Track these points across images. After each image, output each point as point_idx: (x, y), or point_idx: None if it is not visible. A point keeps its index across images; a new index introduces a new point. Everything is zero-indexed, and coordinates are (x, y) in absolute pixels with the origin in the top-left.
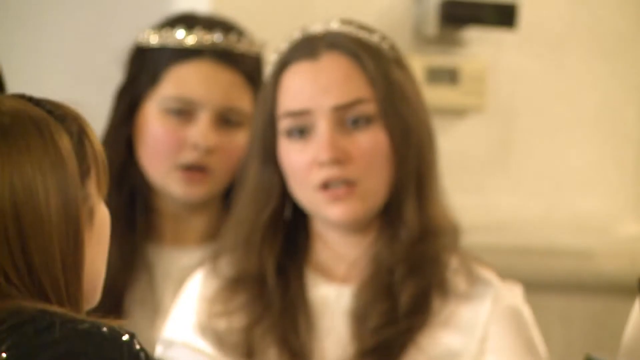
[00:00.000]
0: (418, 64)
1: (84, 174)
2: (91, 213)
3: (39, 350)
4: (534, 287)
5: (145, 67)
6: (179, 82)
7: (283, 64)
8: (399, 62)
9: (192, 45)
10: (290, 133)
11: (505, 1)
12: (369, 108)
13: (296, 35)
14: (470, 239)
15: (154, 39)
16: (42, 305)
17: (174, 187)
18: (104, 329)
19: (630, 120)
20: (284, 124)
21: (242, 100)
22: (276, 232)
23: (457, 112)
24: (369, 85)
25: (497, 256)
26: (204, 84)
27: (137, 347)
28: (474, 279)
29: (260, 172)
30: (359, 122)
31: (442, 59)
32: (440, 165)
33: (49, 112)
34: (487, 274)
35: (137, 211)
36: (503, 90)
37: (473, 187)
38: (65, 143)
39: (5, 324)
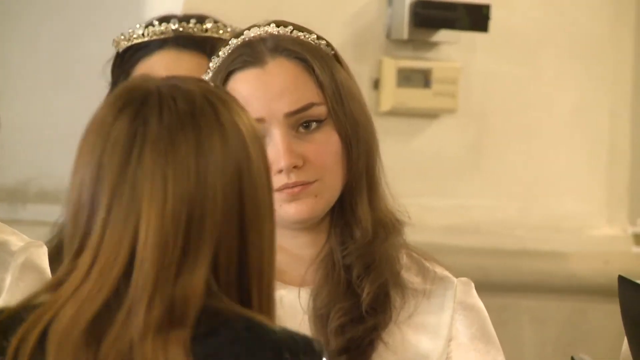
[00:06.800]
0: (391, 66)
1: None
2: None
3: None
4: (507, 288)
5: (120, 71)
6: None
7: (226, 73)
8: (339, 60)
9: (152, 38)
10: None
11: (478, 3)
12: (320, 110)
13: (234, 41)
14: (443, 240)
15: (124, 43)
16: (240, 309)
17: None
18: (298, 337)
19: (603, 122)
20: None
21: None
22: None
23: (430, 115)
24: (318, 88)
25: (470, 258)
26: (168, 72)
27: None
28: (429, 276)
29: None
30: (311, 125)
31: (414, 62)
32: (412, 167)
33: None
34: (441, 270)
35: None
36: (476, 93)
37: (446, 189)
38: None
39: (202, 327)
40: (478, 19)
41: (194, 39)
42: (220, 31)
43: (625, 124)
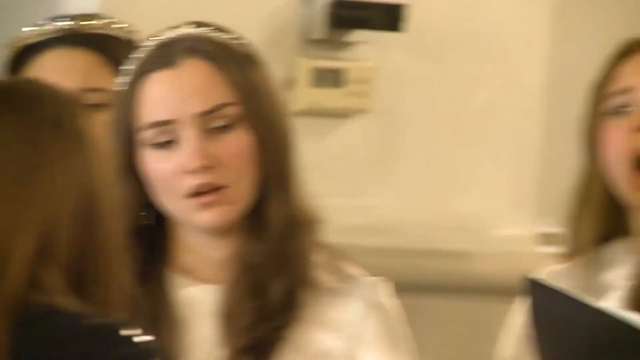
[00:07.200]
0: (305, 66)
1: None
2: None
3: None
4: (414, 288)
5: (13, 74)
6: (35, 75)
7: (141, 74)
8: (256, 60)
9: (43, 38)
10: (154, 143)
11: (394, 3)
12: (233, 111)
13: (150, 42)
14: (351, 240)
15: (15, 46)
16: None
17: None
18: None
19: (513, 122)
20: (147, 135)
21: (102, 79)
22: (137, 241)
23: (342, 114)
24: (231, 88)
25: (377, 258)
26: (56, 71)
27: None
28: (342, 276)
29: (118, 184)
30: (224, 126)
31: (329, 62)
32: (324, 166)
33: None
34: (355, 271)
35: None
36: (389, 92)
37: (355, 189)
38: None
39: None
40: (393, 19)
41: (85, 37)
42: (113, 27)
43: (534, 124)
